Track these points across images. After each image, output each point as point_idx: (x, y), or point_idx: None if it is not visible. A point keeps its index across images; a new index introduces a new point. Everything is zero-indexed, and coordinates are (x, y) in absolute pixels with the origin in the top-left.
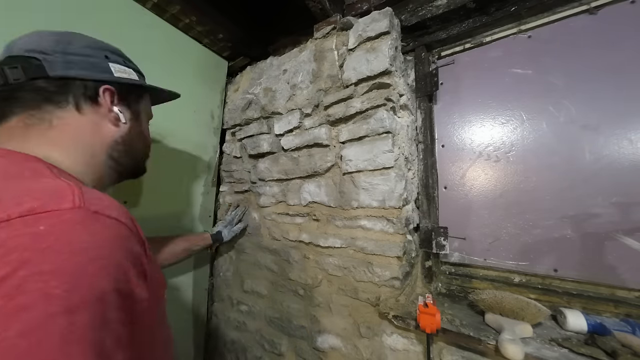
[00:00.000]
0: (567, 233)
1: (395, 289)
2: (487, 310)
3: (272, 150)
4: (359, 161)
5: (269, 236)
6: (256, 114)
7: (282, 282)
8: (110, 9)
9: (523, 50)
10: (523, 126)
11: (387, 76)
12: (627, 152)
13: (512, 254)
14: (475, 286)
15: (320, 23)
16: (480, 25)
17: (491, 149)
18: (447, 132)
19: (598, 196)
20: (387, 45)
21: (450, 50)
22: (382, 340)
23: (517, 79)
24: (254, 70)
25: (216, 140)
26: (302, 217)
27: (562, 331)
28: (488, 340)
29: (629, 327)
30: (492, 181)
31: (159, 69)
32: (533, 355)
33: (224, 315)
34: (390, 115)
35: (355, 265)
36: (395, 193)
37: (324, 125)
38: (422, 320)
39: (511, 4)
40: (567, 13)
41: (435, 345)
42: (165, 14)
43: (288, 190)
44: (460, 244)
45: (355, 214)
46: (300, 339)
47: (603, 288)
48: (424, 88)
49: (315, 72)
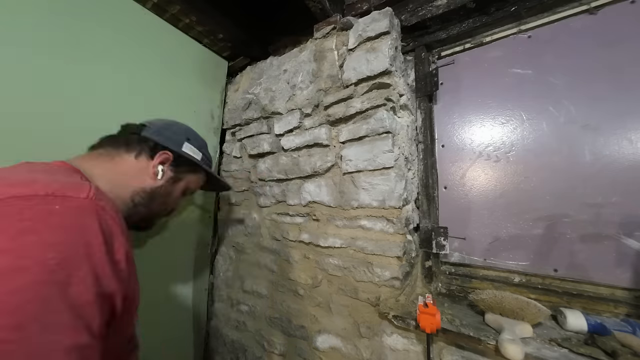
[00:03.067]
0: (567, 233)
1: (395, 289)
2: (487, 310)
3: (272, 150)
4: (359, 161)
5: (269, 236)
6: (256, 114)
7: (282, 282)
8: (111, 9)
9: (523, 50)
10: (523, 126)
11: (387, 76)
12: (627, 152)
13: (512, 254)
14: (475, 286)
15: (320, 23)
16: (480, 25)
17: (491, 149)
18: (447, 132)
19: (598, 196)
20: (387, 45)
21: (450, 50)
22: (382, 340)
23: (517, 79)
24: (254, 70)
25: (216, 140)
26: (302, 217)
27: (562, 331)
28: (488, 340)
29: (629, 327)
30: (492, 181)
31: (159, 69)
32: (533, 355)
33: (224, 315)
34: (390, 115)
35: (355, 265)
36: (395, 193)
37: (324, 125)
38: (422, 320)
39: (511, 4)
40: (567, 13)
41: (435, 345)
42: (165, 14)
43: (288, 190)
44: (460, 244)
45: (355, 214)
46: (300, 339)
47: (603, 288)
48: (424, 88)
49: (315, 72)
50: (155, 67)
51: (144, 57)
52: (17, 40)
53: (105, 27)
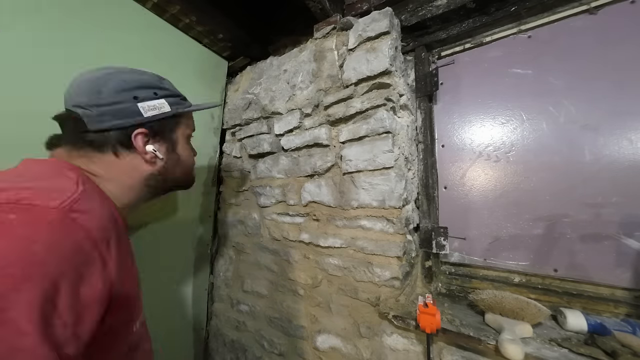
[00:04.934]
0: (567, 233)
1: (395, 289)
2: (487, 310)
3: (272, 150)
4: (359, 161)
5: (269, 236)
6: (256, 114)
7: (282, 282)
8: (110, 9)
9: (523, 50)
10: (523, 126)
11: (387, 76)
12: (627, 152)
13: (512, 254)
14: (475, 286)
15: (320, 23)
16: (480, 25)
17: (491, 149)
18: (447, 132)
19: (598, 196)
20: (387, 45)
21: (450, 50)
22: (382, 340)
23: (517, 79)
24: (254, 70)
25: (216, 141)
26: (302, 217)
27: (562, 331)
28: (488, 340)
29: (629, 327)
30: (492, 181)
31: (159, 69)
32: (533, 355)
33: (224, 315)
34: (390, 115)
35: (355, 265)
36: (395, 193)
37: (324, 125)
38: (422, 320)
39: (511, 4)
40: (567, 13)
41: (435, 345)
42: (165, 14)
43: (288, 190)
44: (460, 244)
45: (355, 214)
46: (300, 339)
47: (603, 288)
48: (424, 88)
49: (315, 72)
50: (155, 67)
51: (144, 57)
52: (16, 40)
53: (105, 27)
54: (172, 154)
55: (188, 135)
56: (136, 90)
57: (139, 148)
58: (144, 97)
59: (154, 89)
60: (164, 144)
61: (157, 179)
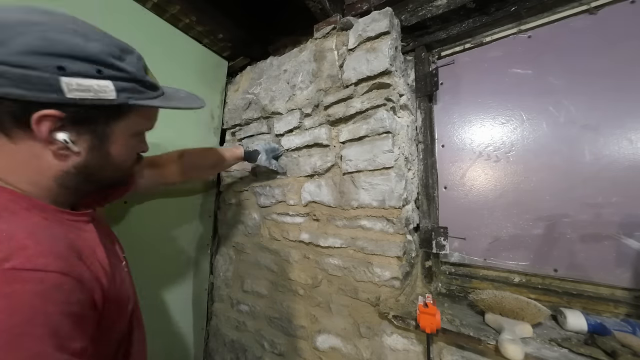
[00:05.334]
0: (567, 233)
1: (395, 289)
2: (487, 310)
3: None
4: (359, 161)
5: (269, 236)
6: (256, 114)
7: (282, 282)
8: (110, 9)
9: (523, 50)
10: (523, 126)
11: (387, 76)
12: (627, 152)
13: (512, 254)
14: (475, 286)
15: (320, 23)
16: (480, 25)
17: (491, 149)
18: (447, 132)
19: (598, 196)
20: (387, 45)
21: (450, 50)
22: (382, 340)
23: (517, 79)
24: (254, 70)
25: (216, 140)
26: (302, 217)
27: (562, 331)
28: (488, 340)
29: (629, 327)
30: (492, 181)
31: (158, 69)
32: (533, 355)
33: (224, 315)
34: (390, 115)
35: (355, 265)
36: (395, 193)
37: (324, 125)
38: (422, 320)
39: (511, 4)
40: (567, 13)
41: (435, 345)
42: (165, 14)
43: (288, 190)
44: (460, 244)
45: (355, 214)
46: (300, 339)
47: (603, 288)
48: (424, 88)
49: (315, 72)
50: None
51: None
52: None
53: (105, 27)
54: (98, 151)
55: (137, 132)
56: (65, 59)
57: (40, 134)
58: (75, 72)
59: (99, 65)
60: (88, 136)
61: (76, 179)
